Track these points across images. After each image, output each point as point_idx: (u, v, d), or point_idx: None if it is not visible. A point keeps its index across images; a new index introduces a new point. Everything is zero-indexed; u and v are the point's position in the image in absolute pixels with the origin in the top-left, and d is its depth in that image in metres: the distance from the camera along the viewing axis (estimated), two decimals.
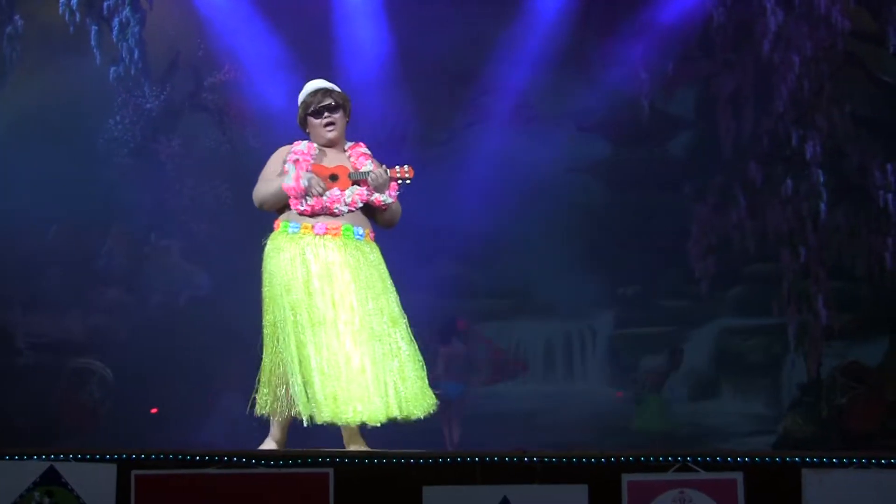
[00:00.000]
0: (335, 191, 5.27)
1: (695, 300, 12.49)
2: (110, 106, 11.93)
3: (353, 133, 5.57)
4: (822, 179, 10.88)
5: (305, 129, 5.49)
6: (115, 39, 11.37)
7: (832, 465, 4.35)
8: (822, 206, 10.89)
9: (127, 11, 11.36)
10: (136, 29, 11.47)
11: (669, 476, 4.31)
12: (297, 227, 5.25)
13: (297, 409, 5.12)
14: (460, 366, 11.35)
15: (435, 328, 11.42)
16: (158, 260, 12.30)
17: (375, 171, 5.28)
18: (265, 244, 5.33)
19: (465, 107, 13.00)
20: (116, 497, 4.25)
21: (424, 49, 12.16)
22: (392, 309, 5.26)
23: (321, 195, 5.23)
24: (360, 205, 5.30)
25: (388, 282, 5.34)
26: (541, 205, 12.95)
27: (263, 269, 5.31)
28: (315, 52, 11.56)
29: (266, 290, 5.29)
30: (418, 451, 4.48)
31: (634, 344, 13.42)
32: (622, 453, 4.48)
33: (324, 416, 5.03)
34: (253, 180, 5.45)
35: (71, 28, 11.14)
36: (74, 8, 11.09)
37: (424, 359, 5.27)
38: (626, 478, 4.27)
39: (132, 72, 11.68)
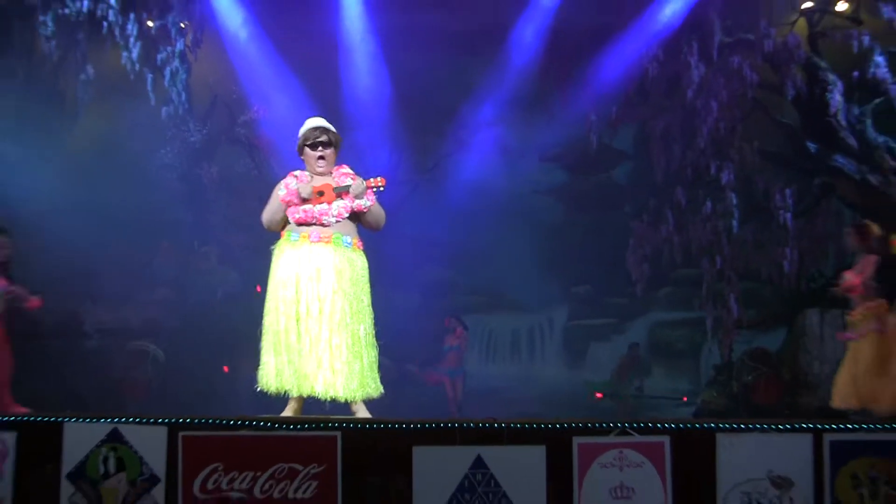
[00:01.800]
0: (324, 205, 5.33)
1: (632, 298, 12.50)
2: (162, 139, 11.95)
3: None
4: (734, 202, 10.88)
5: (301, 156, 5.54)
6: (166, 85, 11.34)
7: (741, 431, 4.42)
8: (735, 224, 10.90)
9: (176, 62, 11.36)
10: (184, 76, 11.45)
11: (611, 439, 4.36)
12: (297, 236, 5.34)
13: (279, 382, 5.16)
14: (455, 354, 11.26)
15: (433, 324, 11.41)
16: (199, 264, 12.30)
17: (355, 182, 5.38)
18: (273, 250, 5.42)
19: (447, 139, 13.02)
20: (167, 453, 4.30)
21: (416, 91, 12.20)
22: (362, 309, 5.30)
23: (308, 198, 5.30)
24: (346, 216, 5.36)
25: (366, 286, 5.38)
26: (510, 221, 13.02)
27: (270, 268, 5.38)
28: (327, 96, 11.58)
29: (269, 285, 5.35)
30: (409, 418, 4.52)
31: (584, 333, 13.51)
32: (573, 420, 4.53)
33: (285, 386, 5.14)
34: None
35: (131, 76, 11.11)
36: (135, 60, 11.06)
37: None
38: (577, 440, 4.32)
39: (180, 111, 11.66)
